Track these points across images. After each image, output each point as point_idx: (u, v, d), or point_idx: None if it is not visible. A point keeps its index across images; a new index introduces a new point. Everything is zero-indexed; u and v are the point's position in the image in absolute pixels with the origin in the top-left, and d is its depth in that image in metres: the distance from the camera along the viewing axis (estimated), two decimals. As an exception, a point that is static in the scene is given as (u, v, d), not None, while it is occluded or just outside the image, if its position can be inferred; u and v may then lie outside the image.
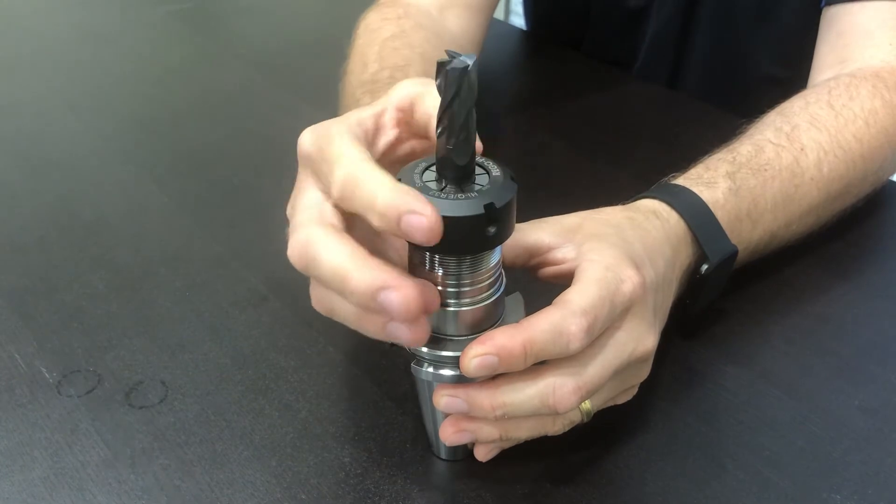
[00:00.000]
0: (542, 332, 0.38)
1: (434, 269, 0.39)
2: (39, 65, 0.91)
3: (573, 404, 0.40)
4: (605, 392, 0.44)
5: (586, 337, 0.39)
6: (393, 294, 0.35)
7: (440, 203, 0.36)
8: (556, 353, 0.39)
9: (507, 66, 0.96)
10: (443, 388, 0.41)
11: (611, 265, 0.42)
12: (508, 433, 0.42)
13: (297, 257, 0.38)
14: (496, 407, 0.40)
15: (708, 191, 0.53)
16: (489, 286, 0.40)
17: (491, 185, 0.37)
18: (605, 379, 0.41)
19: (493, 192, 0.37)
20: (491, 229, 0.37)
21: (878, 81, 0.63)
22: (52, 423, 0.47)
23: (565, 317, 0.39)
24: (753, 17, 0.84)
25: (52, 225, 0.64)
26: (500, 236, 0.38)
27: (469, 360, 0.38)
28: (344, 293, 0.37)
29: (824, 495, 0.44)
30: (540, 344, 0.38)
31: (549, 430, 0.43)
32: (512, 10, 2.32)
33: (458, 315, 0.40)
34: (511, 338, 0.38)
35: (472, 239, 0.37)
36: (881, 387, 0.51)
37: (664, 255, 0.47)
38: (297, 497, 0.43)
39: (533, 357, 0.39)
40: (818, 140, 0.58)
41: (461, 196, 0.36)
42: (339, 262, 0.36)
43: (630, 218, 0.48)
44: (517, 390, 0.40)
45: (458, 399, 0.40)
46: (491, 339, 0.38)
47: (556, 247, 0.45)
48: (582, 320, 0.39)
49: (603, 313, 0.40)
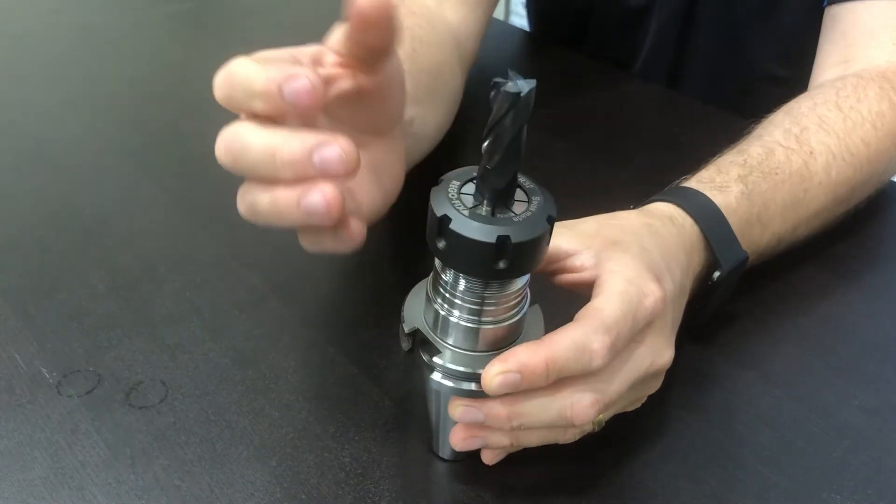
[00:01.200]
0: (565, 350, 0.38)
1: (460, 286, 0.38)
2: (40, 65, 0.91)
3: (591, 418, 0.40)
4: (618, 404, 0.43)
5: (609, 354, 0.38)
6: (328, 148, 0.34)
7: (457, 217, 0.35)
8: (578, 370, 0.38)
9: (507, 66, 0.95)
10: (459, 398, 0.40)
11: (632, 278, 0.41)
12: (520, 441, 0.42)
13: (224, 151, 0.36)
14: (513, 418, 0.40)
15: (721, 195, 0.52)
16: (515, 305, 0.39)
17: (521, 218, 0.36)
18: (622, 394, 0.41)
19: (518, 224, 0.35)
20: (501, 263, 0.35)
21: (885, 83, 0.63)
22: (52, 423, 0.47)
23: (588, 334, 0.38)
24: (754, 17, 0.84)
25: (52, 225, 0.64)
26: (515, 270, 0.36)
27: (492, 378, 0.37)
28: (276, 170, 0.35)
29: (824, 495, 0.44)
30: (562, 361, 0.38)
31: (560, 440, 0.42)
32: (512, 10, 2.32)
33: (480, 332, 0.39)
34: (534, 355, 0.38)
35: (481, 265, 0.36)
36: (881, 387, 0.51)
37: (680, 262, 0.47)
38: (297, 497, 0.43)
39: (555, 374, 0.38)
40: (827, 143, 0.58)
41: (483, 217, 0.35)
42: (267, 139, 0.35)
43: (647, 224, 0.47)
44: (535, 403, 0.39)
45: (474, 410, 0.40)
46: (514, 356, 0.38)
47: (573, 253, 0.44)
48: (605, 338, 0.38)
49: (626, 330, 0.39)
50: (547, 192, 0.37)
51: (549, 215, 0.36)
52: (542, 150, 0.76)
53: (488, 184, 0.35)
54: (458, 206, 0.36)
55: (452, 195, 0.36)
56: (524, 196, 0.37)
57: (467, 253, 0.35)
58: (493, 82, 0.34)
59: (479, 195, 0.36)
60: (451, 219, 0.35)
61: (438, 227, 0.36)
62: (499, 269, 0.35)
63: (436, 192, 0.37)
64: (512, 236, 0.35)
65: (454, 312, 0.39)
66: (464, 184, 0.37)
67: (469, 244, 0.35)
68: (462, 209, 0.35)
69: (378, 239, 0.62)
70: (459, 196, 0.36)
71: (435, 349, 0.40)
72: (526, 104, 0.33)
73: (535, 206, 0.36)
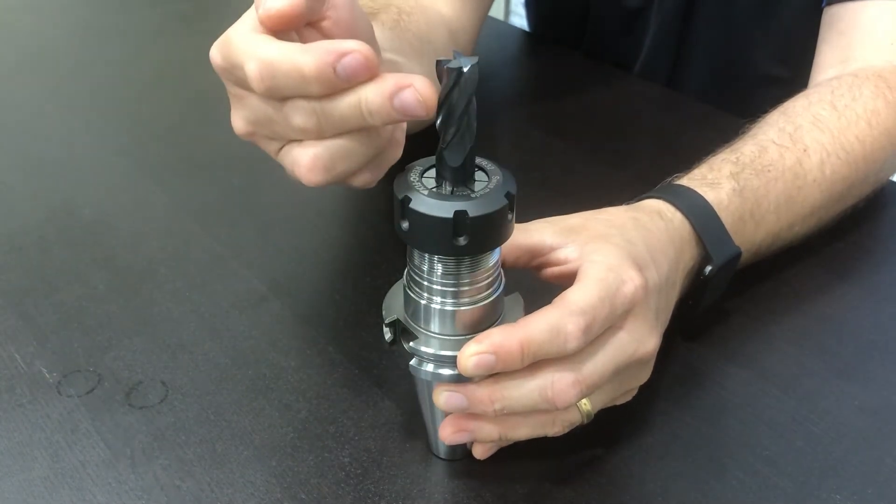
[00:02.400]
0: (539, 332, 0.38)
1: (433, 268, 0.39)
2: (39, 65, 0.91)
3: (572, 398, 0.40)
4: (605, 393, 0.44)
5: (583, 337, 0.39)
6: (350, 55, 0.35)
7: (417, 196, 0.36)
8: (553, 352, 0.39)
9: (507, 67, 0.96)
10: (442, 385, 0.41)
11: (613, 266, 0.42)
12: (508, 432, 0.42)
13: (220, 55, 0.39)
14: (495, 400, 0.40)
15: (712, 192, 0.53)
16: (488, 286, 0.40)
17: (480, 194, 0.37)
18: (604, 377, 0.41)
19: (476, 200, 0.36)
20: (461, 239, 0.36)
21: (880, 81, 0.63)
22: (52, 423, 0.47)
23: (563, 316, 0.39)
24: (752, 18, 0.84)
25: (52, 225, 0.64)
26: (476, 246, 0.37)
27: (467, 359, 0.38)
28: (302, 78, 0.36)
29: (824, 495, 0.44)
30: (537, 343, 0.38)
31: (548, 431, 0.43)
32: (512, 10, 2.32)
33: (456, 314, 0.40)
34: (508, 336, 0.38)
35: (441, 242, 0.37)
36: (881, 387, 0.51)
37: (668, 255, 0.47)
38: (297, 497, 0.43)
39: (530, 356, 0.39)
40: (821, 141, 0.58)
41: (441, 196, 0.36)
42: (286, 49, 0.36)
43: (634, 218, 0.48)
44: (516, 384, 0.40)
45: (457, 395, 0.40)
46: (488, 337, 0.38)
47: (558, 247, 0.45)
48: (580, 320, 0.39)
49: (602, 314, 0.40)
50: (508, 172, 0.38)
51: (508, 192, 0.37)
52: (542, 150, 0.76)
53: (445, 163, 0.37)
54: (419, 187, 0.37)
55: (414, 179, 0.38)
56: (485, 177, 0.38)
57: (427, 231, 0.36)
58: (437, 61, 0.35)
59: (440, 178, 0.37)
60: (410, 199, 0.36)
61: (401, 208, 0.37)
62: (459, 245, 0.36)
63: (399, 177, 0.38)
64: (469, 211, 0.36)
65: (425, 296, 0.40)
66: (426, 170, 0.38)
67: (428, 221, 0.36)
68: (422, 190, 0.37)
69: (378, 239, 0.62)
70: (421, 180, 0.38)
71: (413, 336, 0.41)
72: (470, 79, 0.35)
73: (494, 183, 0.37)
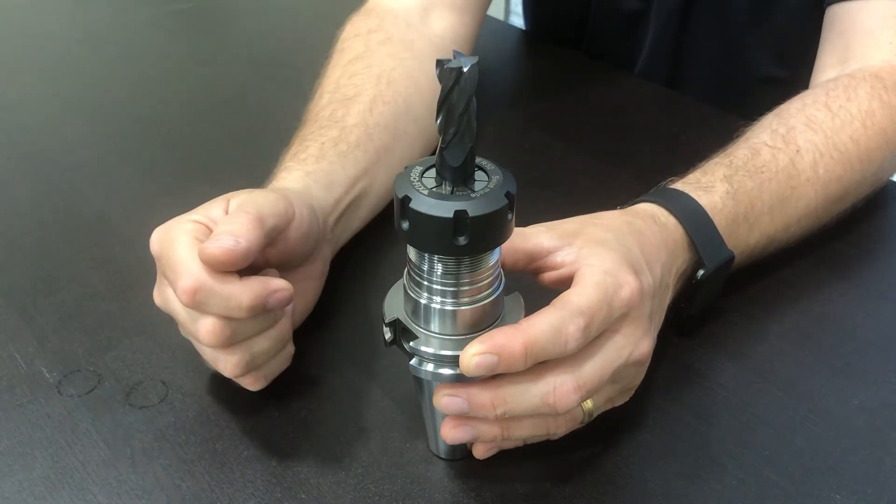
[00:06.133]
0: (542, 332, 0.38)
1: (433, 267, 0.39)
2: (39, 65, 0.91)
3: (573, 403, 0.40)
4: (603, 395, 0.44)
5: (583, 337, 0.39)
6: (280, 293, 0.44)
7: (417, 196, 0.36)
8: (554, 353, 0.39)
9: (507, 67, 0.96)
10: (443, 387, 0.41)
11: (610, 270, 0.42)
12: (509, 432, 0.42)
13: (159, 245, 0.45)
14: (497, 405, 0.40)
15: (706, 195, 0.53)
16: (488, 286, 0.40)
17: (480, 194, 0.37)
18: (603, 380, 0.41)
19: (476, 200, 0.36)
20: (461, 238, 0.36)
21: (876, 82, 0.63)
22: (53, 423, 0.47)
23: (563, 317, 0.39)
24: (750, 19, 0.84)
25: (52, 225, 0.64)
26: (476, 246, 0.37)
27: (469, 359, 0.38)
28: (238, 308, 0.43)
29: (824, 495, 0.44)
30: (540, 344, 0.38)
31: (551, 430, 0.43)
32: (512, 10, 2.32)
33: (456, 314, 0.40)
34: (511, 337, 0.38)
35: (442, 241, 0.37)
36: (881, 387, 0.51)
37: (661, 259, 0.47)
38: (297, 497, 0.43)
39: (533, 357, 0.39)
40: (814, 142, 0.58)
41: (441, 195, 0.36)
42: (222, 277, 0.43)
43: (629, 222, 0.48)
44: (518, 388, 0.40)
45: (458, 398, 0.40)
46: (491, 338, 0.38)
47: (555, 251, 0.45)
48: (580, 320, 0.39)
49: (600, 316, 0.40)
50: (508, 172, 0.38)
51: (508, 191, 0.37)
52: (542, 150, 0.76)
53: (446, 163, 0.36)
54: (419, 187, 0.37)
55: (414, 179, 0.37)
56: (485, 177, 0.38)
57: (428, 230, 0.36)
58: (437, 61, 0.35)
59: (440, 177, 0.37)
60: (410, 198, 0.36)
61: (401, 208, 0.37)
62: (459, 244, 0.36)
63: (399, 177, 0.38)
64: (469, 210, 0.36)
65: (425, 296, 0.40)
66: (426, 170, 0.38)
67: (428, 221, 0.36)
68: (422, 190, 0.37)
69: (378, 241, 0.62)
70: (421, 179, 0.37)
71: (413, 335, 0.41)
72: (470, 79, 0.34)
73: (494, 183, 0.37)
